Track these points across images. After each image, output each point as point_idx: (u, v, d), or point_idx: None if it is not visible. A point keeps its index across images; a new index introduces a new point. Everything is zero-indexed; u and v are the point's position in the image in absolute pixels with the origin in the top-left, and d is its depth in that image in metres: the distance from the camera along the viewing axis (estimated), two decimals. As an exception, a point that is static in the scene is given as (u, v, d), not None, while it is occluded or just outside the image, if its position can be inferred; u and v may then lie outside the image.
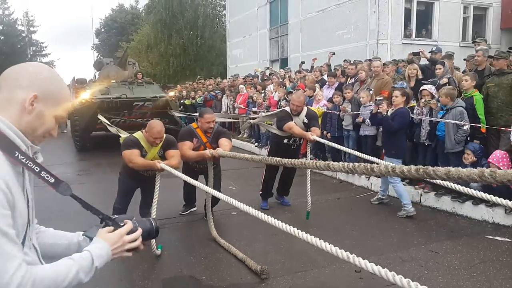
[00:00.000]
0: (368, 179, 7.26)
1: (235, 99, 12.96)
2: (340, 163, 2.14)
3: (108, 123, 9.36)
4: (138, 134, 4.77)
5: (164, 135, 4.70)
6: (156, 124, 4.59)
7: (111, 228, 1.33)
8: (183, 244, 4.89)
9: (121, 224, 1.37)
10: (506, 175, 1.35)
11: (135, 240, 1.39)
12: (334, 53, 11.63)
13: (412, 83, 7.22)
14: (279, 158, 2.79)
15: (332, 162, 2.23)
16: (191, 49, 28.54)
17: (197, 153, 4.90)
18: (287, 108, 5.89)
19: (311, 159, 6.26)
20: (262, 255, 4.41)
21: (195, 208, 5.99)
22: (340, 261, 4.12)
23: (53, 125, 1.37)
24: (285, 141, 5.84)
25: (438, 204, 6.04)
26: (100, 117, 10.17)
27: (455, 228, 5.28)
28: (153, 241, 4.28)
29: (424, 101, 6.20)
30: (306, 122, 5.69)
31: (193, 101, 15.33)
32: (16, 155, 1.26)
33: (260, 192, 6.18)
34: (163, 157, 4.67)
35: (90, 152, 11.64)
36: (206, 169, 5.00)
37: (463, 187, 2.80)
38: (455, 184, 2.86)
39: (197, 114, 12.06)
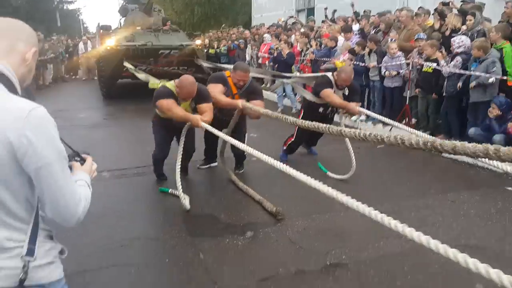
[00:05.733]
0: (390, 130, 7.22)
1: (258, 49, 12.78)
2: (352, 130, 2.35)
3: (135, 69, 9.43)
4: (170, 85, 4.49)
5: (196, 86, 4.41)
6: (187, 84, 4.30)
7: (78, 163, 1.57)
8: (204, 186, 5.06)
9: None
10: (510, 154, 1.41)
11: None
12: (353, 4, 11.32)
13: (447, 34, 7.02)
14: (311, 122, 2.84)
15: (344, 129, 2.39)
16: (216, -2, 27.93)
17: (229, 100, 4.63)
18: (330, 76, 5.29)
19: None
20: (279, 199, 4.48)
21: (215, 164, 5.73)
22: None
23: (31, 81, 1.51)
24: (321, 109, 5.36)
25: (459, 156, 5.97)
26: (126, 64, 10.18)
27: (475, 179, 5.27)
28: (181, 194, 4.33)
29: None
30: (347, 94, 5.28)
31: (217, 49, 15.22)
32: None
33: (284, 147, 5.92)
34: (195, 110, 4.47)
35: (116, 98, 11.75)
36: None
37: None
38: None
39: (223, 65, 12.02)
